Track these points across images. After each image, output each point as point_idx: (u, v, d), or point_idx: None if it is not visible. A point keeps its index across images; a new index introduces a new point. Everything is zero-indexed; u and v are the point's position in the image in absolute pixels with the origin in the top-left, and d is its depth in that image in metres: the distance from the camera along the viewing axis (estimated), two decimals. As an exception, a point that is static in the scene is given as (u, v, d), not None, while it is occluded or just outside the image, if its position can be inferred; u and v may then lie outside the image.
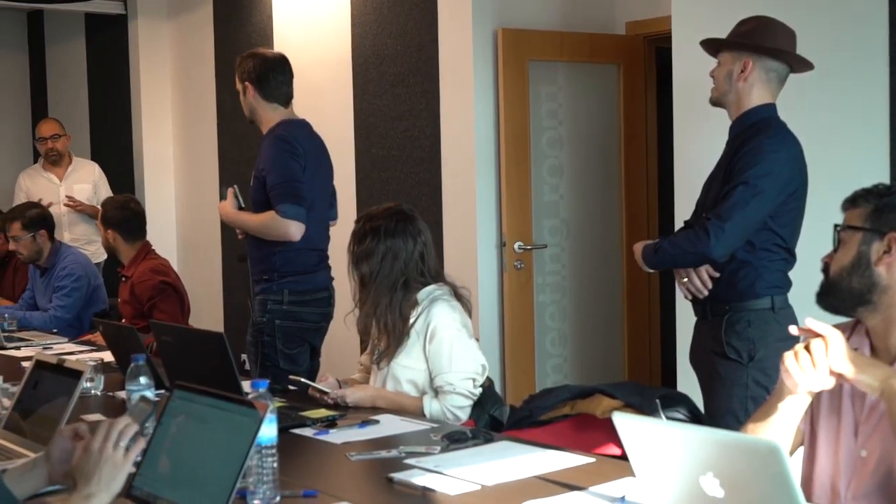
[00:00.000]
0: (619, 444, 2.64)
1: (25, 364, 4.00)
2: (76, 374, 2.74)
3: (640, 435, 1.97)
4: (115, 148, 7.67)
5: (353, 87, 5.82)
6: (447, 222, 5.30)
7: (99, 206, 6.29)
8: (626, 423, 1.98)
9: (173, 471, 2.13)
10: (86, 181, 6.89)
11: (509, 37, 5.20)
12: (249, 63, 4.18)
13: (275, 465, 2.18)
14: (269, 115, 4.20)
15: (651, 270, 3.50)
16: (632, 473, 2.03)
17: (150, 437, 2.26)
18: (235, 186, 4.29)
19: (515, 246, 5.24)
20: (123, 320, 4.89)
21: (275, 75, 4.16)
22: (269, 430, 2.14)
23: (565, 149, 5.48)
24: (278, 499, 2.19)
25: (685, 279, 3.30)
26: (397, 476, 2.36)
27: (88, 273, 5.49)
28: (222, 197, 4.32)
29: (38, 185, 6.85)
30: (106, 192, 6.94)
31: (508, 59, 5.20)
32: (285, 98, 4.22)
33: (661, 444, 1.93)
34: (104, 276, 5.98)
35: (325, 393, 3.22)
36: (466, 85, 5.19)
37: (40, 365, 2.89)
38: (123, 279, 4.90)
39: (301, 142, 4.13)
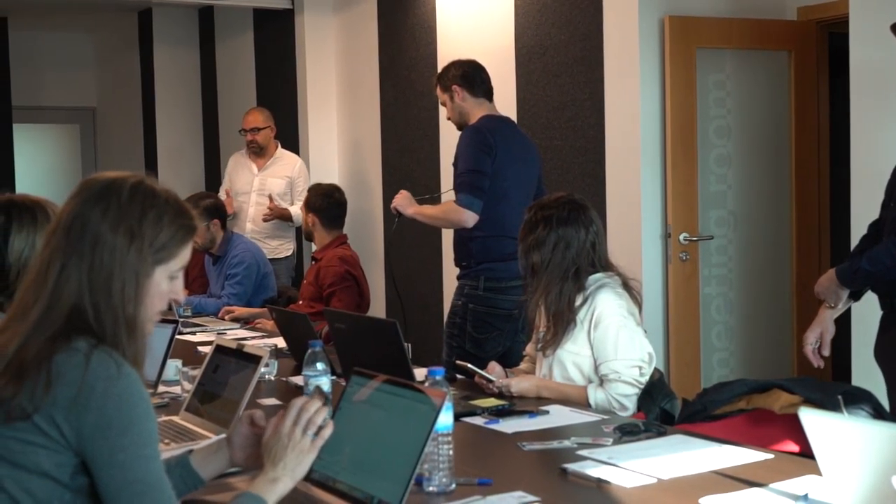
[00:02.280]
0: (797, 440, 2.58)
1: (202, 349, 4.16)
2: (255, 359, 2.82)
3: (828, 432, 1.91)
4: (282, 141, 7.85)
5: (516, 77, 5.81)
6: (610, 213, 5.25)
7: (289, 207, 6.51)
8: (814, 420, 1.93)
9: (351, 455, 2.17)
10: (281, 176, 6.86)
11: (676, 24, 5.11)
12: (451, 70, 4.50)
13: (450, 452, 2.20)
14: (475, 112, 4.46)
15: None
16: (813, 471, 1.98)
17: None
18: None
19: (681, 237, 5.15)
20: (301, 301, 5.04)
21: (476, 72, 4.50)
22: (445, 418, 2.16)
23: (733, 138, 5.36)
24: (453, 486, 2.21)
25: None
26: (571, 467, 2.35)
27: (258, 261, 5.65)
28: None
29: (238, 171, 7.03)
30: (302, 191, 7.05)
31: (675, 47, 5.10)
32: (488, 93, 4.51)
33: (849, 442, 1.87)
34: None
35: (491, 381, 3.23)
36: (632, 74, 5.12)
37: (220, 350, 2.99)
38: (313, 261, 5.10)
39: (496, 134, 4.32)
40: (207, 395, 2.93)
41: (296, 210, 6.52)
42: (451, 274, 5.09)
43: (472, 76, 4.46)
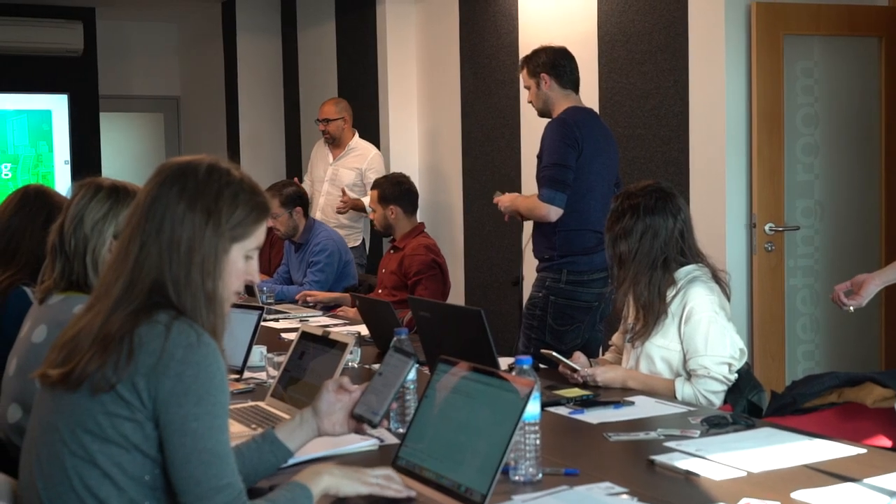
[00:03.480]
0: (891, 435, 2.53)
1: (285, 335, 4.21)
2: (340, 346, 2.84)
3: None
4: (362, 129, 7.89)
5: (599, 65, 5.76)
6: (694, 202, 5.18)
7: (361, 198, 6.52)
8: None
9: (438, 443, 2.18)
10: (353, 167, 6.88)
11: (763, 11, 5.02)
12: (542, 56, 4.46)
13: (537, 441, 2.19)
14: (560, 103, 4.43)
15: None
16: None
17: (416, 409, 2.32)
18: None
19: (766, 227, 5.07)
20: (381, 290, 5.07)
21: (567, 62, 4.46)
22: (533, 407, 2.15)
23: (821, 127, 5.25)
24: (540, 476, 2.20)
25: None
26: (659, 459, 2.33)
27: (340, 249, 5.69)
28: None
29: (317, 160, 7.10)
30: (373, 179, 7.08)
31: (762, 33, 5.01)
32: (576, 84, 4.49)
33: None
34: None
35: (576, 371, 3.21)
36: (717, 61, 5.04)
37: (306, 336, 3.02)
38: (393, 250, 5.13)
39: (582, 127, 4.30)
40: (293, 382, 2.96)
41: (367, 200, 6.53)
42: (529, 264, 5.07)
43: (562, 66, 4.43)
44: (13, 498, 1.93)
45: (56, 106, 9.31)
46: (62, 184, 8.96)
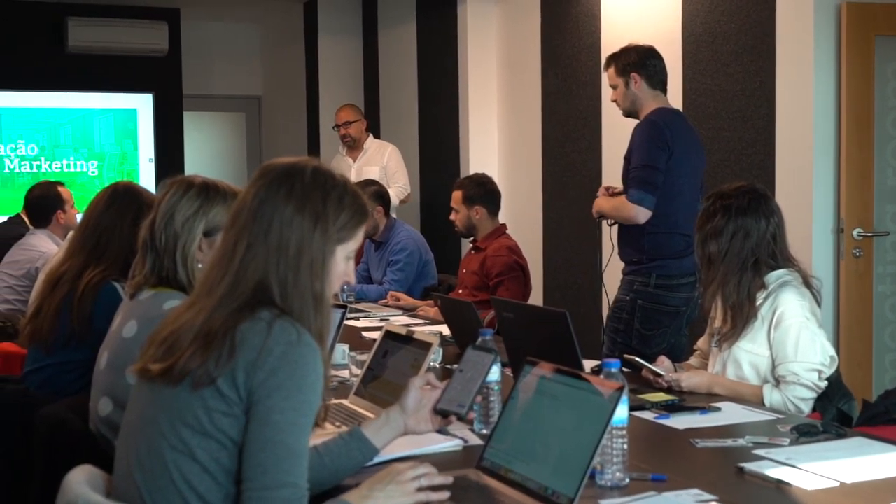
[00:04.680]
0: None
1: (366, 334, 4.22)
2: (424, 346, 2.84)
3: None
4: (442, 130, 7.91)
5: (683, 66, 5.69)
6: (780, 206, 5.07)
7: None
8: None
9: (524, 445, 2.16)
10: (375, 163, 7.19)
11: (854, 11, 4.91)
12: (631, 55, 4.38)
13: (625, 446, 2.16)
14: (649, 103, 4.36)
15: None
16: None
17: (501, 411, 2.31)
18: None
19: (854, 233, 4.96)
20: (461, 291, 5.07)
21: (656, 62, 4.39)
22: (621, 411, 2.12)
23: (912, 130, 5.13)
24: (627, 481, 2.17)
25: None
26: (748, 466, 2.28)
27: (420, 248, 5.70)
28: None
29: (339, 169, 7.17)
30: (395, 173, 7.19)
31: (852, 35, 4.91)
32: (664, 85, 4.41)
33: None
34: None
35: (660, 376, 3.17)
36: (805, 63, 4.95)
37: (390, 335, 3.02)
38: (474, 251, 5.13)
39: (672, 128, 4.25)
40: (374, 380, 2.97)
41: (392, 194, 6.70)
42: (611, 266, 5.03)
43: (652, 66, 4.36)
44: (107, 490, 1.95)
45: (141, 105, 9.48)
46: (146, 181, 9.11)
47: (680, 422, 2.75)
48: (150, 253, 2.57)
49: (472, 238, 5.28)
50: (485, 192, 5.19)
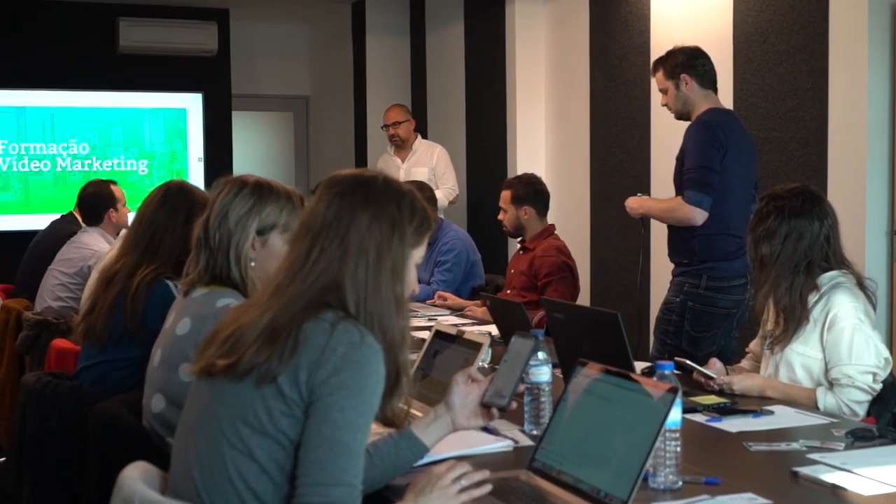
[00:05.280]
0: None
1: (414, 334, 4.22)
2: (475, 346, 2.84)
3: None
4: (489, 130, 7.90)
5: (734, 66, 5.64)
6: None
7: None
8: None
9: (576, 447, 2.15)
10: (423, 164, 7.21)
11: (909, 10, 4.85)
12: (678, 56, 4.34)
13: (678, 449, 2.15)
14: (701, 104, 4.32)
15: None
16: None
17: (553, 412, 2.30)
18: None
19: (908, 234, 4.90)
20: (509, 291, 5.06)
21: (704, 60, 4.35)
22: (675, 414, 2.11)
23: (968, 131, 5.05)
24: (680, 484, 2.16)
25: None
26: (803, 471, 2.26)
27: (468, 249, 5.70)
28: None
29: (387, 169, 7.21)
30: (443, 174, 7.20)
31: (907, 34, 4.85)
32: (714, 83, 4.37)
33: None
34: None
35: (711, 378, 3.14)
36: (859, 62, 4.89)
37: (440, 335, 3.02)
38: (522, 251, 5.13)
39: (725, 129, 4.21)
40: (425, 379, 2.97)
41: (440, 195, 6.78)
42: (659, 267, 5.00)
43: (701, 65, 4.32)
44: (161, 487, 1.97)
45: (191, 104, 9.55)
46: (195, 180, 9.18)
47: (732, 425, 2.72)
48: (204, 251, 2.59)
49: (520, 238, 5.27)
50: (534, 192, 5.17)
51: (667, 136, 5.71)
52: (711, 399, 2.95)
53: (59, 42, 9.18)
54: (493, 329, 4.04)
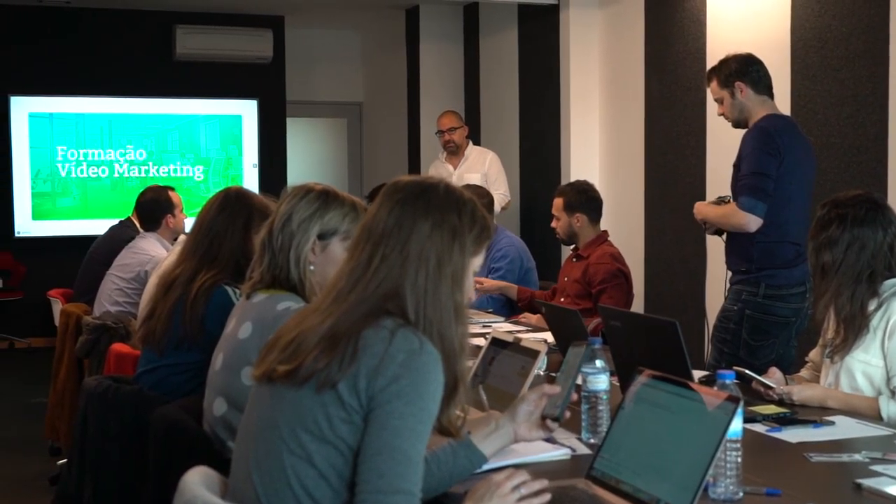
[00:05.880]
0: None
1: (470, 341, 4.22)
2: (532, 353, 2.83)
3: None
4: (542, 137, 7.89)
5: (791, 71, 5.59)
6: (893, 215, 4.96)
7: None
8: None
9: (635, 456, 2.14)
10: (476, 170, 7.25)
11: (972, 15, 4.78)
12: (731, 64, 4.30)
13: (738, 459, 2.12)
14: (757, 110, 4.27)
15: None
16: None
17: (612, 420, 2.29)
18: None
19: (971, 243, 4.81)
20: (562, 299, 5.05)
21: (758, 66, 4.30)
22: (736, 424, 2.08)
23: None
24: (740, 494, 2.14)
25: None
26: (866, 483, 2.22)
27: (522, 255, 5.69)
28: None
29: (439, 175, 7.21)
30: (495, 180, 7.20)
31: (971, 39, 4.78)
32: (770, 89, 4.32)
33: None
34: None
35: (771, 388, 3.11)
36: (921, 68, 4.83)
37: (496, 342, 3.02)
38: (575, 259, 5.11)
39: (783, 135, 4.16)
40: (482, 386, 2.97)
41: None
42: (714, 274, 4.95)
43: (755, 71, 4.26)
44: (222, 492, 1.98)
45: (246, 111, 9.65)
46: (250, 186, 9.25)
47: (792, 435, 2.69)
48: (268, 252, 2.62)
49: (573, 246, 5.25)
50: (586, 200, 5.15)
51: (723, 143, 5.66)
52: (771, 409, 2.92)
53: (117, 50, 9.31)
54: (549, 336, 4.02)
